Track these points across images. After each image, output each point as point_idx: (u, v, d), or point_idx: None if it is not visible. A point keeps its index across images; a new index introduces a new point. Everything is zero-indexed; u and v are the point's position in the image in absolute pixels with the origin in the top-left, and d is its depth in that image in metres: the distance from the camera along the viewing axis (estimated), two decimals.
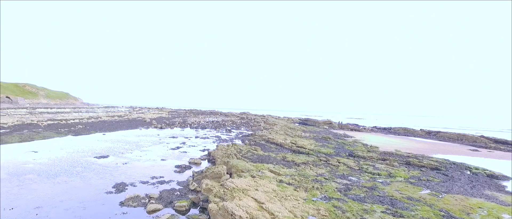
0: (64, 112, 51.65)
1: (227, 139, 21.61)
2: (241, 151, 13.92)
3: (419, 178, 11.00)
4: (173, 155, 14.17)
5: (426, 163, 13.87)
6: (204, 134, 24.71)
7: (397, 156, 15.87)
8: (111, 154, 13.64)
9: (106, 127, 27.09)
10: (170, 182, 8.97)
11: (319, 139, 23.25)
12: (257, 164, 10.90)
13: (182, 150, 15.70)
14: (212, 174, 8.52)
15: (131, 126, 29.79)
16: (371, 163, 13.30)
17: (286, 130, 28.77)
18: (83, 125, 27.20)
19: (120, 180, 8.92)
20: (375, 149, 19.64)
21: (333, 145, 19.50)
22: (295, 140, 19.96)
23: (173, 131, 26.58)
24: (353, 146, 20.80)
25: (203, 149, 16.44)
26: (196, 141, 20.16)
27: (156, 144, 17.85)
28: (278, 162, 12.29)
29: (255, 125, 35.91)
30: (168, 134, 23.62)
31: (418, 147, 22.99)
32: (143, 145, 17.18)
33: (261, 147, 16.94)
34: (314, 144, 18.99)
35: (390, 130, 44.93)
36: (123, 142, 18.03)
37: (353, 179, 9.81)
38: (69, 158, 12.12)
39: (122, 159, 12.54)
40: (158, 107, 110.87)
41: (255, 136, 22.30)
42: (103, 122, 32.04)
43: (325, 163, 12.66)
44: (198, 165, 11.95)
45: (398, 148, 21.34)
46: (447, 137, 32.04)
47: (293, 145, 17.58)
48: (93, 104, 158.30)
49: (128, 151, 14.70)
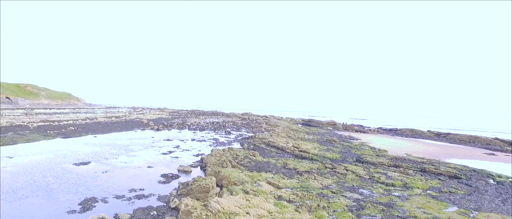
0: (62, 112, 50.71)
1: (225, 142, 20.28)
2: (238, 157, 12.58)
3: (440, 189, 9.57)
4: (163, 161, 12.86)
5: (444, 170, 12.42)
6: (201, 136, 23.41)
7: (410, 162, 14.41)
8: (94, 159, 12.37)
9: (100, 128, 25.92)
10: (149, 197, 7.65)
11: (324, 141, 21.82)
12: (254, 173, 9.54)
13: (174, 155, 14.40)
14: (199, 188, 7.19)
15: (126, 127, 28.60)
16: (383, 171, 11.88)
17: (288, 132, 27.38)
18: (76, 126, 26.05)
19: (91, 194, 7.62)
20: (384, 153, 18.20)
21: (338, 149, 18.08)
22: (297, 143, 18.57)
23: (169, 133, 25.33)
24: (360, 149, 19.36)
25: (197, 153, 15.12)
26: (191, 144, 18.85)
27: (147, 147, 16.58)
28: (278, 170, 10.92)
29: (256, 126, 34.56)
30: (164, 136, 22.36)
31: (429, 151, 21.48)
32: (133, 148, 15.91)
33: (261, 152, 15.59)
34: (318, 148, 17.58)
35: (397, 131, 43.30)
36: (112, 145, 16.78)
37: (364, 193, 8.41)
38: (44, 165, 10.86)
39: (104, 166, 11.26)
40: (159, 108, 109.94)
41: (255, 138, 20.95)
42: (98, 123, 30.90)
43: (331, 171, 11.27)
44: (188, 174, 10.63)
45: (409, 152, 19.86)
46: (458, 139, 30.41)
47: (295, 149, 16.20)
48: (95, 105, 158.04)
49: (114, 156, 13.43)
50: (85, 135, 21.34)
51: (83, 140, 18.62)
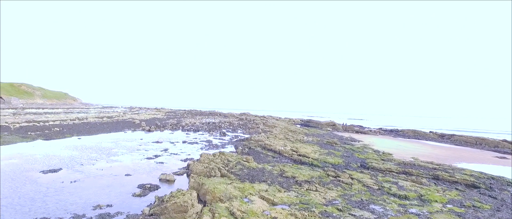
0: (54, 112, 49.16)
1: (218, 145, 18.90)
2: (229, 163, 11.20)
3: (461, 202, 8.24)
4: (146, 167, 11.48)
5: (460, 178, 11.10)
6: (194, 138, 22.02)
7: (420, 168, 13.09)
8: (67, 166, 10.97)
9: (87, 129, 24.48)
10: (116, 217, 6.28)
11: (324, 144, 20.48)
12: (245, 184, 8.17)
13: (160, 160, 13.01)
14: (175, 207, 5.83)
15: (116, 128, 27.17)
16: (392, 179, 10.55)
17: (286, 133, 26.03)
18: (61, 127, 24.60)
19: (44, 214, 6.24)
20: (389, 157, 16.89)
21: (340, 152, 16.74)
22: (296, 146, 17.21)
23: (160, 135, 23.92)
24: (363, 152, 18.04)
25: (185, 158, 13.73)
26: (181, 147, 17.46)
27: (132, 151, 15.18)
28: (274, 179, 9.56)
29: (253, 127, 33.19)
30: (154, 138, 20.96)
31: (436, 154, 20.18)
32: (116, 152, 14.51)
33: (256, 156, 14.22)
34: (318, 151, 16.23)
35: (398, 132, 42.05)
36: (94, 148, 15.38)
37: (377, 210, 7.07)
38: (4, 174, 9.45)
39: (76, 174, 9.86)
40: (156, 108, 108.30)
41: (250, 140, 19.58)
42: (87, 123, 29.43)
43: (335, 179, 9.91)
44: (171, 183, 9.26)
45: (415, 155, 18.56)
46: (463, 141, 29.15)
47: (294, 153, 14.84)
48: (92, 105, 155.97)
49: (91, 161, 12.02)
50: (69, 137, 19.92)
51: (64, 143, 17.20)
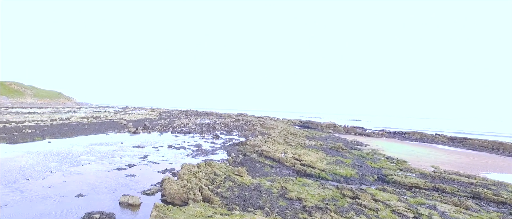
0: (39, 112, 46.45)
1: (208, 150, 16.46)
2: (216, 178, 8.78)
3: None
4: (110, 182, 9.03)
5: (508, 197, 8.79)
6: (182, 142, 19.56)
7: (452, 182, 10.76)
8: (6, 181, 8.47)
9: (65, 131, 21.94)
10: None
11: (329, 149, 18.12)
12: (233, 216, 5.75)
13: (132, 171, 10.57)
14: None
15: (99, 130, 24.65)
16: (426, 200, 8.19)
17: (286, 136, 23.67)
18: (35, 128, 22.03)
19: None
20: (405, 166, 14.59)
21: (350, 160, 14.38)
22: (298, 152, 14.81)
23: (146, 137, 21.46)
24: (375, 160, 15.72)
25: (165, 168, 11.28)
26: (165, 153, 15.01)
27: (104, 158, 12.71)
28: (273, 202, 7.17)
29: (250, 129, 30.77)
30: (137, 141, 18.49)
31: (455, 161, 17.91)
32: (84, 160, 12.04)
33: (251, 166, 11.82)
34: (325, 160, 13.85)
35: (404, 135, 39.85)
36: (59, 155, 12.89)
37: None
38: None
39: (12, 193, 7.40)
40: (152, 108, 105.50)
41: (245, 145, 17.18)
42: (68, 125, 26.85)
43: (354, 202, 7.52)
44: (135, 210, 6.83)
45: (433, 163, 16.27)
46: (477, 145, 26.93)
47: (296, 161, 12.45)
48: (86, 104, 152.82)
49: (44, 173, 9.55)
50: (39, 140, 17.41)
51: (28, 147, 14.69)
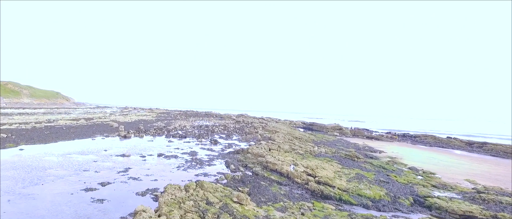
0: (29, 113, 44.25)
1: (204, 160, 14.14)
2: (208, 209, 6.47)
3: None
4: (68, 212, 6.74)
5: None
6: (175, 149, 17.26)
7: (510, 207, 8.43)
8: None
9: (45, 136, 19.67)
10: None
11: (343, 158, 15.78)
12: None
13: (103, 194, 8.26)
14: None
15: (86, 134, 22.39)
16: None
17: (291, 142, 21.34)
18: (11, 133, 19.77)
19: None
20: (436, 180, 12.28)
21: (373, 174, 12.04)
22: (310, 164, 12.46)
23: (136, 142, 19.19)
24: (399, 173, 13.38)
25: (146, 188, 8.96)
26: (152, 164, 12.70)
27: (76, 172, 10.42)
28: None
29: (251, 132, 28.45)
30: (123, 149, 16.23)
31: (488, 172, 15.54)
32: (49, 176, 9.74)
33: (255, 184, 9.49)
34: (343, 173, 11.50)
35: (415, 139, 37.46)
36: (22, 168, 10.61)
37: None
38: None
39: None
40: (151, 108, 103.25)
41: (247, 154, 14.88)
42: (52, 128, 24.56)
43: None
44: None
45: (465, 175, 13.92)
46: (501, 151, 24.55)
47: (310, 177, 10.12)
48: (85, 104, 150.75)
49: None
50: (11, 147, 15.20)
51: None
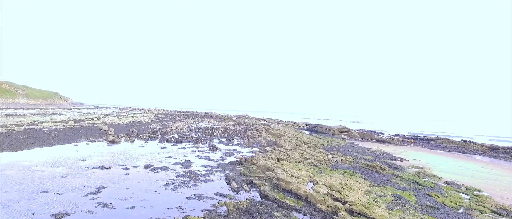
0: (18, 114, 41.82)
1: (200, 173, 11.65)
2: None
3: None
4: None
5: None
6: (167, 157, 14.78)
7: None
8: None
9: (19, 142, 17.20)
10: None
11: (366, 170, 13.27)
12: None
13: None
14: None
15: (70, 138, 19.93)
16: None
17: (300, 147, 18.83)
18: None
19: None
20: (487, 200, 9.85)
21: (413, 196, 9.51)
22: (332, 181, 9.92)
23: (125, 148, 16.73)
24: (439, 190, 10.89)
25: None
26: (134, 180, 10.22)
27: (28, 196, 7.97)
28: None
29: (254, 136, 25.96)
30: (106, 157, 13.75)
31: None
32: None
33: (263, 211, 7.00)
34: (376, 195, 8.99)
35: (430, 142, 34.92)
36: None
37: None
38: None
39: None
40: (149, 109, 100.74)
41: (251, 165, 12.38)
42: (30, 132, 22.02)
43: None
44: None
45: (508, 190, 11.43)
46: None
47: (337, 203, 7.63)
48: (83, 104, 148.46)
49: None
50: None
51: None
